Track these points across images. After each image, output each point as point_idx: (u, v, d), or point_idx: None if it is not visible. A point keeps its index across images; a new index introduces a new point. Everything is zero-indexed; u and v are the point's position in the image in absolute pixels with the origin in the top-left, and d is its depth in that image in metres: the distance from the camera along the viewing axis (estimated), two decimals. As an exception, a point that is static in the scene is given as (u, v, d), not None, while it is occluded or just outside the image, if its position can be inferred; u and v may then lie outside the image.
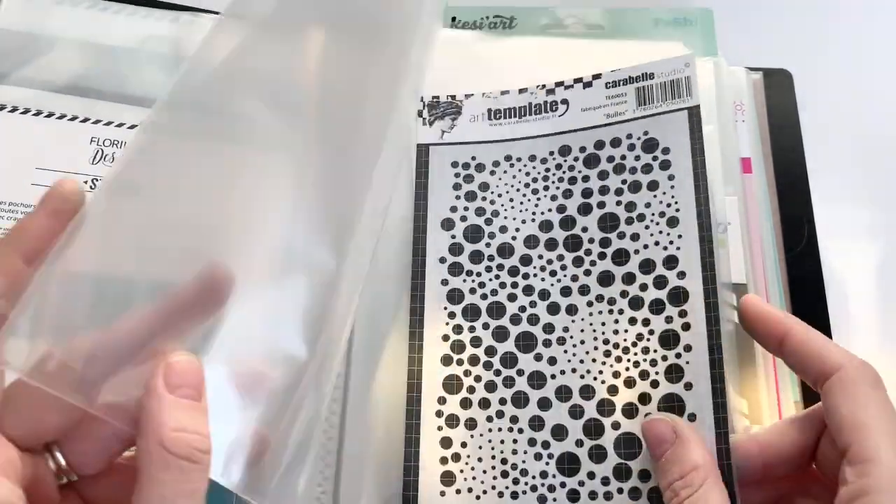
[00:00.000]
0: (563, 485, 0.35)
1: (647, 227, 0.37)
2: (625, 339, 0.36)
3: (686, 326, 0.35)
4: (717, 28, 0.48)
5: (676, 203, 0.37)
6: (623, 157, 0.39)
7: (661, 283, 0.36)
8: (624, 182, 0.39)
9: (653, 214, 0.37)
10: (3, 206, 0.38)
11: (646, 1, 0.51)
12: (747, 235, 0.42)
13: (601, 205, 0.39)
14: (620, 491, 0.34)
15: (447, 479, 0.35)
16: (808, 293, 0.42)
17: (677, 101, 0.39)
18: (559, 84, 0.42)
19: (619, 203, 0.38)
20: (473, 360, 0.37)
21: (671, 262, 0.36)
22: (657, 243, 0.37)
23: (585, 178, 0.39)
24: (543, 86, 0.42)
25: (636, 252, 0.37)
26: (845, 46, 0.51)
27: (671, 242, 0.37)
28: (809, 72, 0.48)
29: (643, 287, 0.37)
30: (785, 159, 0.45)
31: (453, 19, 0.48)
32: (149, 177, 0.30)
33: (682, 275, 0.36)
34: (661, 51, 0.44)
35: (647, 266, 0.37)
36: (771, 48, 0.50)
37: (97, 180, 0.39)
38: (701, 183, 0.37)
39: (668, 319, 0.36)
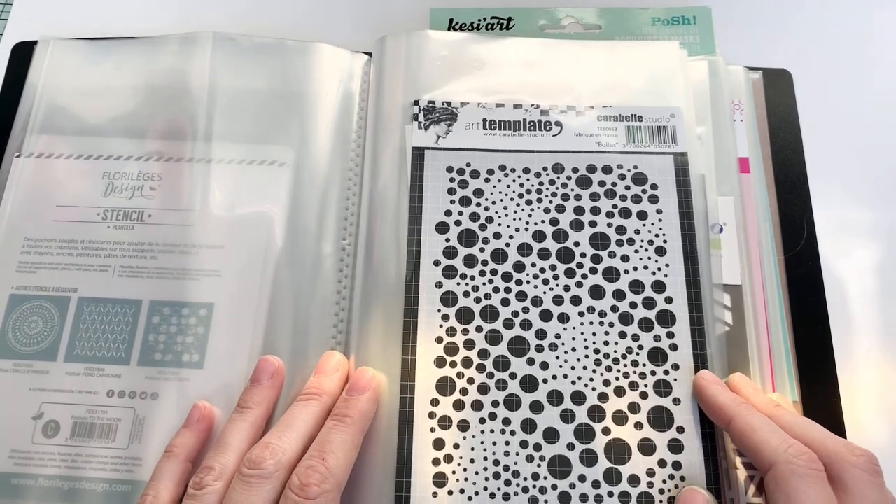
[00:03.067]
0: (554, 487, 0.34)
1: (636, 252, 0.39)
2: (615, 351, 0.37)
3: (674, 347, 0.37)
4: (715, 27, 0.47)
5: (664, 235, 0.39)
6: (614, 184, 0.40)
7: (649, 304, 0.37)
8: (615, 207, 0.40)
9: (642, 241, 0.39)
10: (30, 243, 0.40)
11: (644, 0, 0.49)
12: (744, 235, 0.41)
13: (593, 224, 0.39)
14: (611, 494, 0.34)
15: (439, 480, 0.35)
16: (807, 293, 0.41)
17: (664, 146, 0.41)
18: (553, 107, 0.42)
19: (609, 225, 0.39)
20: (466, 363, 0.36)
21: (659, 286, 0.38)
22: (646, 267, 0.38)
23: (578, 197, 0.40)
24: (538, 105, 0.42)
25: (626, 272, 0.38)
26: (845, 46, 0.49)
27: (659, 269, 0.38)
28: (809, 72, 0.46)
29: (633, 305, 0.38)
30: (784, 159, 0.43)
31: (451, 21, 0.47)
32: None
33: (669, 300, 0.38)
34: (657, 50, 0.43)
35: (636, 287, 0.38)
36: (771, 48, 0.48)
37: (108, 211, 0.41)
38: (686, 222, 0.39)
39: (657, 338, 0.37)
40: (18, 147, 0.42)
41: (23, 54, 0.45)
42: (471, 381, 0.36)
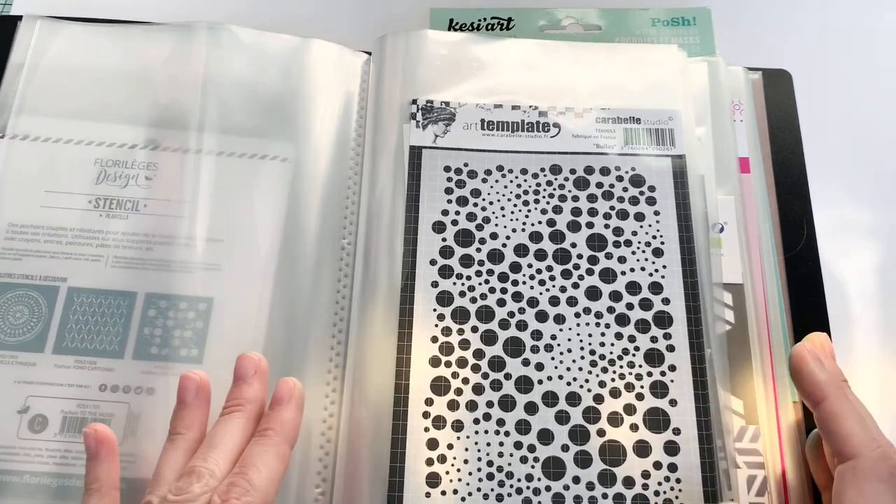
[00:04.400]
0: (548, 488, 0.33)
1: (633, 253, 0.38)
2: (611, 352, 0.36)
3: (671, 348, 0.36)
4: (715, 28, 0.46)
5: (662, 237, 0.38)
6: (611, 186, 0.39)
7: (646, 305, 0.37)
8: (612, 208, 0.39)
9: (639, 243, 0.38)
10: (15, 228, 0.38)
11: (645, 0, 0.48)
12: (745, 235, 0.40)
13: (590, 225, 0.39)
14: (605, 496, 0.33)
15: (433, 480, 0.34)
16: (807, 293, 0.40)
17: (662, 149, 0.40)
18: (552, 108, 0.41)
19: (606, 226, 0.39)
20: (461, 363, 0.36)
21: (656, 287, 0.37)
22: (643, 269, 0.38)
23: (575, 198, 0.39)
24: (536, 107, 0.41)
25: (623, 273, 0.38)
26: (845, 46, 0.48)
27: (656, 270, 0.38)
28: (809, 72, 0.45)
29: (629, 306, 0.37)
30: (784, 159, 0.43)
31: (451, 21, 0.46)
32: None
33: (666, 301, 0.37)
34: (656, 53, 0.43)
35: (633, 288, 0.37)
36: (771, 48, 0.47)
37: (100, 199, 0.39)
38: (684, 223, 0.38)
39: (654, 339, 0.36)
40: (2, 128, 0.40)
41: (5, 30, 0.43)
42: (465, 381, 0.35)
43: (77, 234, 0.38)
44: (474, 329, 0.36)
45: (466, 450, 0.34)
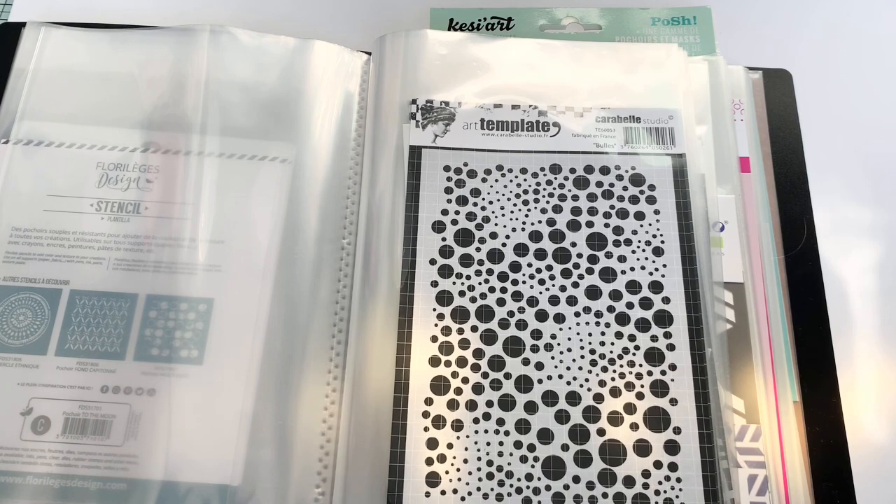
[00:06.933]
0: (548, 488, 0.33)
1: (633, 252, 0.38)
2: (611, 351, 0.36)
3: (671, 347, 0.36)
4: (716, 27, 0.46)
5: (662, 235, 0.38)
6: (611, 185, 0.39)
7: (646, 304, 0.36)
8: (612, 207, 0.39)
9: (639, 242, 0.38)
10: (18, 233, 0.38)
11: (644, 0, 0.48)
12: (745, 234, 0.40)
13: (590, 224, 0.38)
14: (605, 496, 0.33)
15: (432, 479, 0.33)
16: (807, 293, 0.39)
17: (662, 147, 0.40)
18: (552, 107, 0.41)
19: (606, 225, 0.38)
20: (461, 362, 0.35)
21: (656, 287, 0.37)
22: (643, 268, 0.37)
23: (575, 198, 0.39)
24: (535, 107, 0.41)
25: (623, 273, 0.37)
26: (845, 46, 0.48)
27: (656, 269, 0.37)
28: (809, 72, 0.45)
29: (629, 305, 0.37)
30: (784, 159, 0.42)
31: (451, 21, 0.46)
32: None
33: (666, 300, 0.37)
34: (656, 52, 0.42)
35: (633, 287, 0.37)
36: (771, 48, 0.47)
37: (102, 202, 0.39)
38: (684, 222, 0.38)
39: (654, 338, 0.36)
40: (6, 133, 0.41)
41: (9, 37, 0.43)
42: (465, 380, 0.35)
43: (79, 238, 0.38)
44: (474, 328, 0.36)
45: (466, 449, 0.34)
